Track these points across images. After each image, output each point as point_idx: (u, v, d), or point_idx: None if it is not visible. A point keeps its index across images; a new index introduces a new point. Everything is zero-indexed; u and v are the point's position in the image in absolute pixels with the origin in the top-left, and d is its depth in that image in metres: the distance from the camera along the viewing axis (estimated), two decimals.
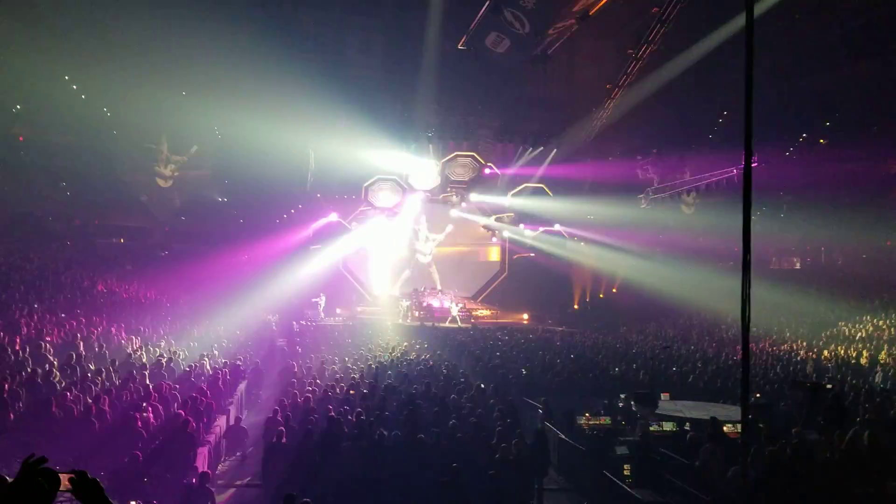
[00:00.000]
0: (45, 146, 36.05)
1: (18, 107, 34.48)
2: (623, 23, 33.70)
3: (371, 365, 20.78)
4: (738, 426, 12.20)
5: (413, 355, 23.77)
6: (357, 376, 18.32)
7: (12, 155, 35.25)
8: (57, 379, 13.40)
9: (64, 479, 3.11)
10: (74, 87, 33.50)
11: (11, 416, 11.20)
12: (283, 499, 8.68)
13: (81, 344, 17.08)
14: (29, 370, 13.34)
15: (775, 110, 31.20)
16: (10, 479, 4.03)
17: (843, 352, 25.17)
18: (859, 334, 27.57)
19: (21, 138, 36.31)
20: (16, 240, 30.26)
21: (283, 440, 11.69)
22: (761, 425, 12.63)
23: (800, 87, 31.60)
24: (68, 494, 3.15)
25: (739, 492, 9.06)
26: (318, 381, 17.82)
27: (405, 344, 27.29)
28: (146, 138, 38.75)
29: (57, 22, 29.20)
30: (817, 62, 30.74)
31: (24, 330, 17.45)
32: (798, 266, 41.09)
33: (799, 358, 24.79)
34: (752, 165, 7.31)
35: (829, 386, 16.34)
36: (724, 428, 12.78)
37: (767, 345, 28.29)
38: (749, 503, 8.98)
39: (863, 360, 23.66)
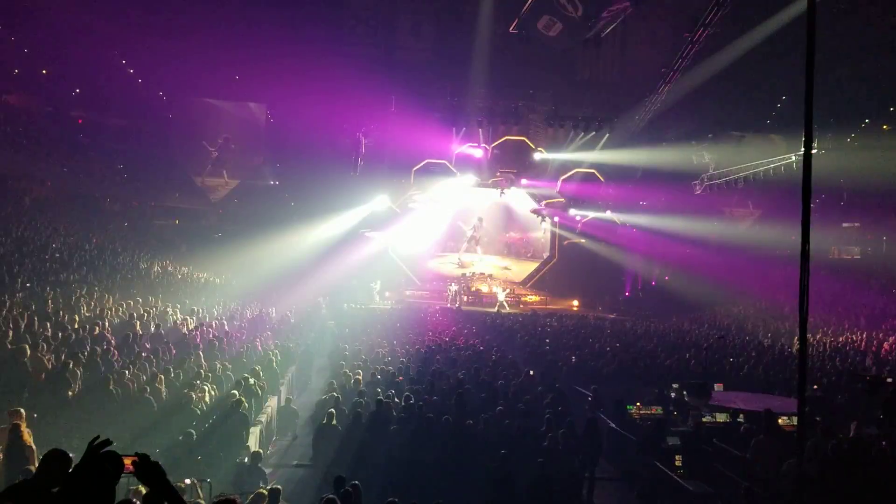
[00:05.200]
0: (102, 129, 36.80)
1: (77, 90, 35.28)
2: (679, 5, 32.96)
3: (419, 349, 20.83)
4: (794, 419, 11.94)
5: (461, 340, 23.75)
6: (405, 360, 18.40)
7: (70, 137, 36.07)
8: (115, 358, 13.70)
9: (127, 461, 3.18)
10: (131, 71, 34.14)
11: (70, 393, 11.50)
12: (333, 480, 8.77)
13: (138, 324, 17.44)
14: (88, 349, 13.67)
15: (836, 95, 30.26)
16: (71, 454, 4.15)
17: None
18: None
19: (80, 121, 37.17)
20: (75, 221, 30.95)
21: (333, 422, 11.81)
22: (818, 419, 12.32)
23: (861, 70, 30.55)
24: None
25: (793, 486, 8.86)
26: (367, 363, 17.93)
27: (453, 328, 27.31)
28: (200, 121, 39.40)
29: (113, 5, 29.73)
30: (880, 44, 29.65)
31: (84, 309, 17.90)
32: (858, 256, 39.88)
33: (858, 350, 24.10)
34: (812, 152, 7.06)
35: (889, 380, 15.86)
36: (780, 420, 12.52)
37: (825, 336, 27.59)
38: (803, 498, 8.78)
39: None
